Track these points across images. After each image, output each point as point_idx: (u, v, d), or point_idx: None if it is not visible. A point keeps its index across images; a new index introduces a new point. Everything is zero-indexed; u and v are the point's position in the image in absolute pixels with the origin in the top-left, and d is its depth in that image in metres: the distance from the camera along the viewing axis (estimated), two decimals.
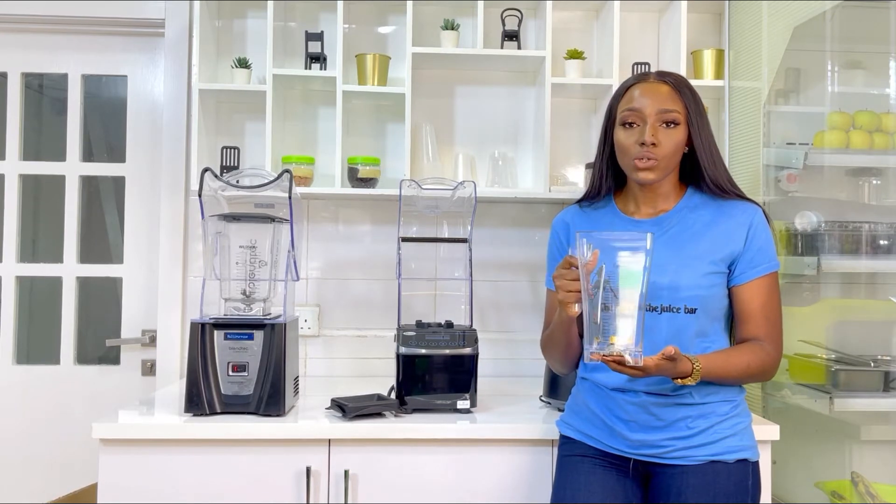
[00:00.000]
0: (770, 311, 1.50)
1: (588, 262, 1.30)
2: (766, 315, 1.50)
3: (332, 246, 2.39)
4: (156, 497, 1.66)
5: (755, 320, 1.49)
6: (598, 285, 1.31)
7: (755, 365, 1.47)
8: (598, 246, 1.30)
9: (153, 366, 2.41)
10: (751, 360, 1.47)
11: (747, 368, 1.46)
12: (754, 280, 1.49)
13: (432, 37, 2.33)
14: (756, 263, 1.49)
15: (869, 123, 1.97)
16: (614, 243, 1.31)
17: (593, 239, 1.31)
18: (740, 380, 1.49)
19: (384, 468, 1.70)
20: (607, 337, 1.31)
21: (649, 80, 1.53)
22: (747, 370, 1.46)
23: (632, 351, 1.29)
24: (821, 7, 1.93)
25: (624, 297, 1.30)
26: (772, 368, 1.50)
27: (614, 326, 1.30)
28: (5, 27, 2.42)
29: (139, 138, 2.46)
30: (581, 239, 1.32)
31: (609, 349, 1.30)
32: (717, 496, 1.42)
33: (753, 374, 1.48)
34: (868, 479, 1.81)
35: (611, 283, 1.30)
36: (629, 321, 1.30)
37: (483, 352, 1.95)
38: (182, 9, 2.36)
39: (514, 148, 2.42)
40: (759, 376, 1.51)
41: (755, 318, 1.49)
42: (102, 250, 2.55)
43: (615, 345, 1.30)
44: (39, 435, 2.40)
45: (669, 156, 1.48)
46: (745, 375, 1.47)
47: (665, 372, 1.35)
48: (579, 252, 1.32)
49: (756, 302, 1.49)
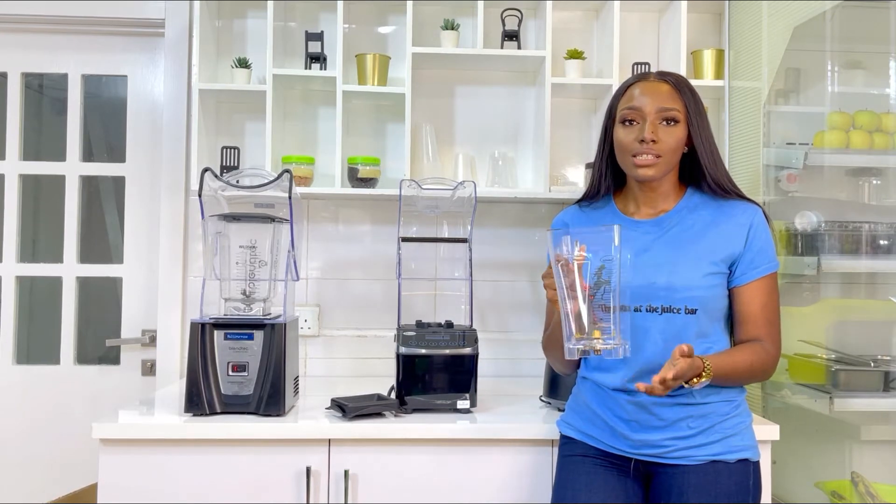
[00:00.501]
0: (770, 312, 1.51)
1: (577, 258, 1.33)
2: (767, 316, 1.50)
3: (332, 246, 2.39)
4: (156, 497, 1.66)
5: (756, 321, 1.50)
6: (574, 283, 1.33)
7: (758, 365, 1.48)
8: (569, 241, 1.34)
9: (153, 366, 2.41)
10: (754, 360, 1.47)
11: (751, 368, 1.47)
12: (755, 281, 1.49)
13: (432, 37, 2.33)
14: (756, 264, 1.49)
15: (869, 123, 1.97)
16: (584, 238, 1.34)
17: (568, 234, 1.35)
18: (744, 380, 1.50)
19: (384, 468, 1.70)
20: (590, 332, 1.33)
21: (650, 79, 1.53)
22: (751, 370, 1.47)
23: (611, 345, 1.31)
24: (821, 7, 1.93)
25: (600, 290, 1.34)
26: (771, 368, 1.51)
27: (592, 321, 1.33)
28: (5, 27, 2.42)
29: (139, 138, 2.46)
30: (559, 236, 1.35)
31: (590, 343, 1.32)
32: (719, 496, 1.42)
33: (755, 375, 1.49)
34: (868, 479, 1.81)
35: (585, 279, 1.33)
36: (608, 315, 1.33)
37: (483, 352, 1.95)
38: (182, 9, 2.36)
39: (514, 148, 2.42)
40: (759, 376, 1.51)
41: (756, 319, 1.50)
42: (102, 250, 2.55)
43: (595, 340, 1.32)
44: (39, 435, 2.40)
45: (669, 153, 1.49)
46: (749, 375, 1.48)
47: (685, 375, 1.33)
48: (555, 249, 1.34)
49: (756, 303, 1.50)
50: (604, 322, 1.33)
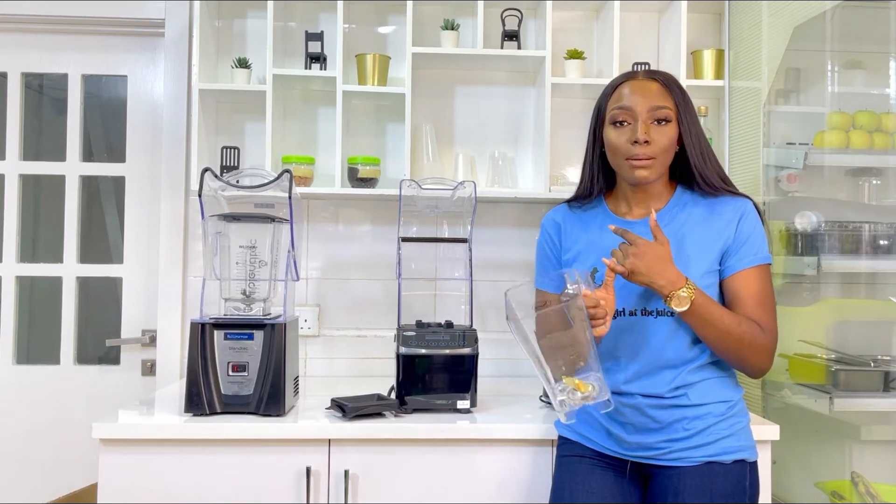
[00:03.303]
0: (763, 299, 1.45)
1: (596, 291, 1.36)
2: (759, 301, 1.44)
3: (332, 246, 2.39)
4: (156, 497, 1.66)
5: (747, 304, 1.44)
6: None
7: (748, 338, 1.40)
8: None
9: (153, 366, 2.41)
10: (747, 328, 1.41)
11: (739, 328, 1.40)
12: (744, 270, 1.45)
13: (432, 37, 2.33)
14: (745, 254, 1.46)
15: (869, 123, 1.97)
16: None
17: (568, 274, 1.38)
18: (729, 346, 1.41)
19: (384, 468, 1.70)
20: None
21: (638, 77, 1.51)
22: (739, 334, 1.40)
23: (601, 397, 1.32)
24: (821, 7, 1.93)
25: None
26: (763, 352, 1.43)
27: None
28: (5, 27, 2.42)
29: (139, 138, 2.46)
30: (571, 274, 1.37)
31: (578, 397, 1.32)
32: (715, 497, 1.42)
33: (744, 345, 1.41)
34: (868, 479, 1.81)
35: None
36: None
37: (483, 352, 1.95)
38: (182, 9, 2.36)
39: (514, 148, 2.42)
40: (748, 353, 1.42)
41: (747, 302, 1.44)
42: (102, 250, 2.55)
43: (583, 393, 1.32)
44: (39, 435, 2.40)
45: (663, 153, 1.47)
46: (736, 339, 1.40)
47: (653, 263, 1.36)
48: (572, 286, 1.36)
49: (746, 291, 1.45)
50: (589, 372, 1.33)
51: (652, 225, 1.41)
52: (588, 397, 1.30)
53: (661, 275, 1.37)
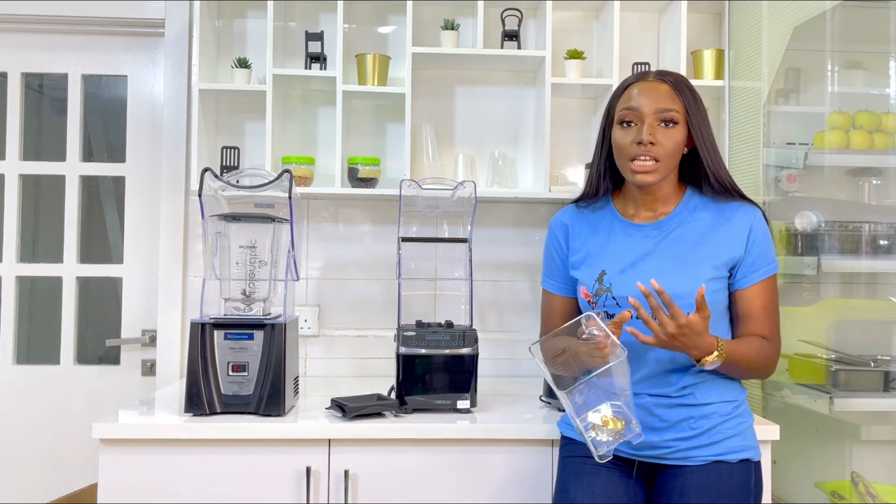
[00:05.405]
0: (771, 311, 1.51)
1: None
2: (768, 315, 1.51)
3: (332, 246, 2.39)
4: (156, 497, 1.66)
5: (758, 320, 1.50)
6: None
7: (761, 359, 1.49)
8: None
9: (153, 366, 2.41)
10: (759, 352, 1.48)
11: (757, 358, 1.48)
12: (756, 283, 1.50)
13: (432, 37, 2.33)
14: (757, 267, 1.50)
15: (869, 123, 1.97)
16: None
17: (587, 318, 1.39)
18: (748, 373, 1.51)
19: (384, 468, 1.70)
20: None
21: (648, 78, 1.51)
22: (755, 363, 1.48)
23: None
24: (821, 7, 1.93)
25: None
26: (773, 365, 1.52)
27: None
28: (5, 27, 2.42)
29: (139, 138, 2.46)
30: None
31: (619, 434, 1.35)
32: (720, 496, 1.42)
33: (759, 368, 1.51)
34: (868, 479, 1.81)
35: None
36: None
37: (483, 352, 1.95)
38: (182, 9, 2.36)
39: (514, 148, 2.42)
40: (761, 371, 1.53)
41: (757, 317, 1.50)
42: (102, 250, 2.55)
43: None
44: (39, 435, 2.40)
45: (667, 156, 1.47)
46: (755, 367, 1.49)
47: (695, 330, 1.35)
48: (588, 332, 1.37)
49: (757, 303, 1.50)
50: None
51: (698, 298, 1.36)
52: (616, 432, 1.34)
53: (696, 347, 1.39)
